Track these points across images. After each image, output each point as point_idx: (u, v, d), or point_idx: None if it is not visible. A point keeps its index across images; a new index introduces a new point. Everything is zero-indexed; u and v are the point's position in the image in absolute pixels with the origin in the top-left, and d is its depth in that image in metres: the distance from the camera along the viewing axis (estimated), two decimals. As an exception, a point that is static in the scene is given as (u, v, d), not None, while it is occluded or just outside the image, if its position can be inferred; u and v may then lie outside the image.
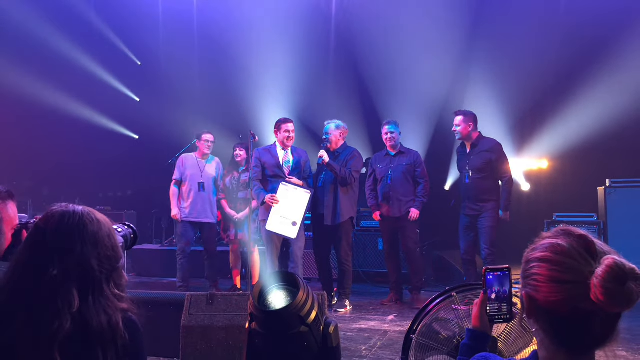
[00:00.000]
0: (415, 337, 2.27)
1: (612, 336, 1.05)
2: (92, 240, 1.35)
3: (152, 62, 9.76)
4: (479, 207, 5.23)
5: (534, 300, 1.10)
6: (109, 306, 1.33)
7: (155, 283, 6.82)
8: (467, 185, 5.33)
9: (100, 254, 1.36)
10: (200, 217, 5.96)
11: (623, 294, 0.98)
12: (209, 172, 6.06)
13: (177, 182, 6.03)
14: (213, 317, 3.26)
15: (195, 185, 5.95)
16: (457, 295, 2.26)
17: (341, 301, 5.38)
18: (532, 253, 1.13)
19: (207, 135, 6.11)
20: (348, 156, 5.36)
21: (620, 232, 6.53)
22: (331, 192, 5.32)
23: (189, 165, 6.03)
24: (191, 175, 5.99)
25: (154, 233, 8.85)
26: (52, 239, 1.33)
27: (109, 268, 1.37)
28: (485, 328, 1.47)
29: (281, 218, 5.04)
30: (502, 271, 1.48)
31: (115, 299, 1.36)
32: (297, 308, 1.97)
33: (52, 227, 1.35)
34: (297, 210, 5.03)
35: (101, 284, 1.34)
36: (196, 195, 5.94)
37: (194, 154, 6.15)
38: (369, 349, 3.92)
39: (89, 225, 1.37)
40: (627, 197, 6.66)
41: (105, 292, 1.34)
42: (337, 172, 5.22)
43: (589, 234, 1.08)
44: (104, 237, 1.39)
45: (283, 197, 5.05)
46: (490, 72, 7.78)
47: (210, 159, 6.15)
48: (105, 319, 1.30)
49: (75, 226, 1.35)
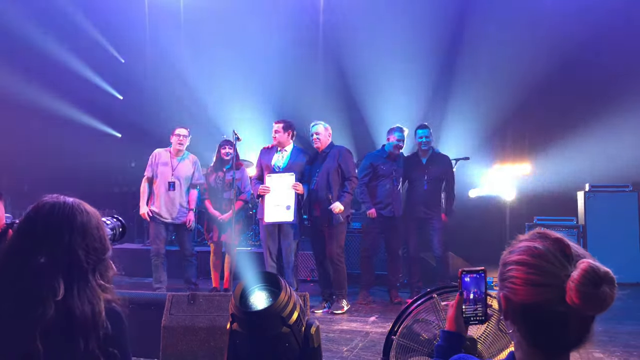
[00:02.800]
0: (396, 338, 2.28)
1: (587, 337, 1.07)
2: (81, 231, 1.37)
3: (136, 60, 9.67)
4: (432, 211, 5.75)
5: (510, 302, 1.11)
6: (93, 296, 1.34)
7: (136, 283, 6.74)
8: (425, 192, 5.75)
9: (88, 245, 1.37)
10: (173, 217, 5.66)
11: (597, 297, 1.00)
12: (181, 171, 5.69)
13: (148, 179, 5.72)
14: (194, 317, 3.24)
15: (165, 184, 5.62)
16: (437, 297, 2.27)
17: (338, 302, 5.30)
18: (509, 256, 1.14)
19: (180, 129, 5.72)
20: (339, 157, 5.31)
21: (598, 235, 6.66)
22: (325, 193, 5.26)
23: (161, 162, 5.68)
24: (161, 173, 5.65)
25: (135, 232, 8.76)
26: (41, 228, 1.35)
27: (96, 259, 1.39)
28: (461, 329, 1.48)
29: (275, 206, 5.17)
30: (478, 273, 1.49)
31: (99, 289, 1.37)
32: (278, 309, 1.97)
33: (42, 216, 1.37)
34: (288, 194, 5.16)
35: (87, 274, 1.35)
36: (165, 195, 5.62)
37: (167, 149, 5.79)
38: (351, 350, 3.93)
39: (78, 216, 1.39)
40: (606, 201, 6.81)
41: (90, 282, 1.35)
42: (350, 201, 5.32)
43: (565, 237, 1.10)
44: (93, 229, 1.40)
45: (273, 187, 5.20)
46: (472, 77, 7.86)
47: (184, 155, 5.78)
48: (88, 308, 1.31)
49: (65, 216, 1.37)
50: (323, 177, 5.30)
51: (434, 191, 5.84)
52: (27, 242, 1.34)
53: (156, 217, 5.64)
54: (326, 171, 5.29)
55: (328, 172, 5.28)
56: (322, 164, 5.34)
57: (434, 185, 5.83)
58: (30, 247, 1.33)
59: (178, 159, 5.73)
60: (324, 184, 5.28)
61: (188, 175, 5.73)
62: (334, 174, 5.28)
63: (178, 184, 5.65)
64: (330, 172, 5.28)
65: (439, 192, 5.91)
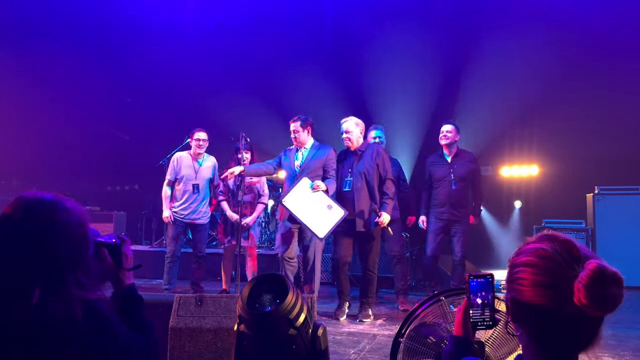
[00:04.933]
0: (404, 340, 2.27)
1: (596, 339, 1.07)
2: (61, 230, 1.31)
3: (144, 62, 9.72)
4: (459, 214, 5.45)
5: (518, 304, 1.11)
6: (69, 298, 1.27)
7: (144, 285, 6.78)
8: (453, 192, 5.45)
9: (68, 244, 1.31)
10: (193, 218, 5.76)
11: (605, 298, 0.99)
12: (204, 173, 5.82)
13: (170, 182, 5.82)
14: (201, 319, 3.25)
15: (190, 186, 5.73)
16: (445, 300, 2.26)
17: (365, 310, 4.98)
18: (517, 258, 1.14)
19: (199, 133, 5.83)
20: (377, 157, 4.93)
21: (608, 238, 6.61)
22: (363, 196, 4.87)
23: (184, 165, 5.79)
24: (186, 176, 5.76)
25: (143, 234, 8.81)
26: (17, 228, 1.29)
27: (76, 259, 1.33)
28: (468, 334, 1.48)
29: (320, 219, 4.71)
30: (485, 277, 1.49)
31: (78, 289, 1.30)
32: (285, 311, 1.97)
33: (19, 215, 1.31)
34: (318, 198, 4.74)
35: (65, 276, 1.29)
36: (190, 197, 5.73)
37: (188, 152, 5.88)
38: (358, 353, 3.92)
39: (57, 213, 1.32)
40: (615, 204, 6.75)
41: (68, 284, 1.29)
42: (391, 207, 4.87)
43: (573, 238, 1.10)
44: (73, 227, 1.34)
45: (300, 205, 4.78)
46: (480, 78, 7.84)
47: (204, 158, 5.89)
48: (61, 309, 1.25)
49: (43, 215, 1.31)
50: (359, 179, 4.90)
51: (462, 191, 5.51)
52: (3, 245, 1.28)
53: (178, 219, 5.74)
54: (364, 172, 4.90)
55: (366, 173, 4.90)
56: (358, 163, 4.96)
57: (462, 184, 5.50)
58: (5, 249, 1.26)
59: (199, 161, 5.84)
60: (360, 185, 4.88)
61: (210, 177, 5.86)
62: (374, 176, 4.91)
63: (202, 186, 5.77)
64: (369, 173, 4.90)
65: (466, 191, 5.56)
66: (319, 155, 5.04)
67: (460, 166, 5.50)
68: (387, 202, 4.85)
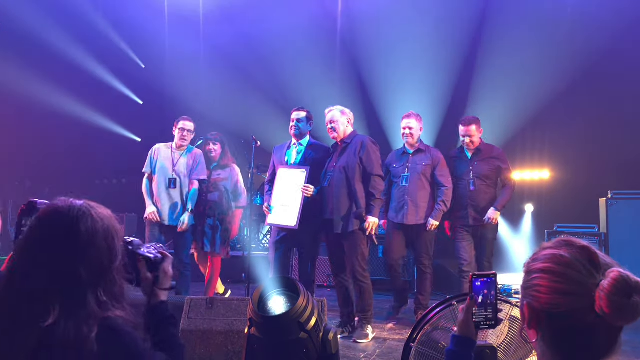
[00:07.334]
0: (415, 345, 2.26)
1: (615, 348, 1.05)
2: (84, 243, 1.25)
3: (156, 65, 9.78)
4: (482, 217, 4.90)
5: (535, 311, 1.09)
6: (86, 317, 1.20)
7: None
8: (472, 193, 4.93)
9: (92, 257, 1.25)
10: (170, 220, 4.95)
11: (629, 308, 0.98)
12: (183, 168, 5.02)
13: (149, 175, 5.04)
14: (212, 321, 3.26)
15: (165, 180, 4.95)
16: (457, 304, 2.25)
17: (361, 328, 4.34)
18: (533, 264, 1.12)
19: (185, 122, 5.08)
20: (361, 150, 4.36)
21: (621, 243, 6.52)
22: (342, 194, 4.33)
23: (161, 157, 5.02)
24: (161, 168, 4.98)
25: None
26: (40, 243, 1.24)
27: (99, 274, 1.26)
28: (471, 334, 1.47)
29: (282, 206, 4.42)
30: (489, 277, 1.50)
31: (99, 307, 1.23)
32: (296, 314, 1.97)
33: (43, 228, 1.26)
34: (296, 194, 4.35)
35: (85, 294, 1.22)
36: (164, 194, 4.95)
37: (170, 143, 5.13)
38: (368, 357, 3.91)
39: (82, 224, 1.26)
40: (629, 208, 6.66)
41: (88, 301, 1.22)
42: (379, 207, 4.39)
43: (591, 245, 1.08)
44: (99, 239, 1.27)
45: (282, 183, 4.46)
46: (493, 81, 7.80)
47: (188, 150, 5.10)
48: (72, 331, 1.17)
49: (66, 227, 1.25)
50: (338, 174, 4.35)
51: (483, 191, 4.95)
52: (25, 261, 1.23)
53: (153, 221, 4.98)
54: (344, 166, 4.35)
55: (347, 167, 4.34)
56: (340, 157, 4.43)
57: (482, 183, 4.94)
58: (27, 265, 1.22)
59: (181, 153, 5.07)
60: (340, 182, 4.33)
61: (189, 171, 5.06)
62: (355, 171, 4.33)
63: (180, 182, 5.00)
64: (349, 168, 4.33)
65: (490, 192, 4.98)
66: (316, 153, 4.64)
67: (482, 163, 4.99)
68: (374, 203, 4.29)
